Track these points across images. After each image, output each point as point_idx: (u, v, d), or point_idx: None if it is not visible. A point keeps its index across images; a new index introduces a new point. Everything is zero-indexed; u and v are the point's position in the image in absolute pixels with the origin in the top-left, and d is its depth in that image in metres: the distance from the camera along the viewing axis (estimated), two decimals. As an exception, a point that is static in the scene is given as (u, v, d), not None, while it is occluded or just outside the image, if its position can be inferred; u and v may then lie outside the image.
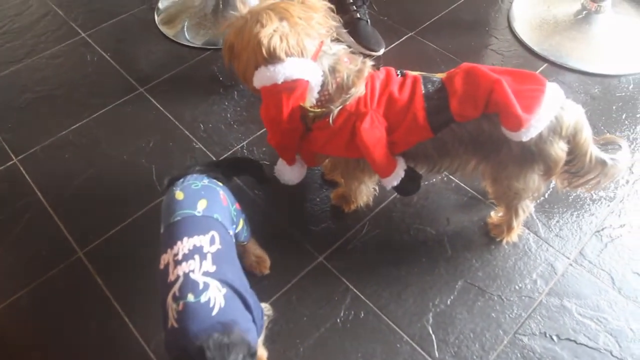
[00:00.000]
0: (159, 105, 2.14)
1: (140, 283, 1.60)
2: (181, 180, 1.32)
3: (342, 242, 1.67)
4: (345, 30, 2.27)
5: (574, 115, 1.31)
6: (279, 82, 1.30)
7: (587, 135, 1.34)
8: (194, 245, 1.15)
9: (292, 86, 1.30)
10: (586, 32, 2.33)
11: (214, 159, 1.92)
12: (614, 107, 2.05)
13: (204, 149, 1.96)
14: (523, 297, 1.54)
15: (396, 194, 1.74)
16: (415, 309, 1.52)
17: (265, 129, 1.99)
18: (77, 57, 2.39)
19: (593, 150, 1.37)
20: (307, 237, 1.68)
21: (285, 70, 1.29)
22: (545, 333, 1.47)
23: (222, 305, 1.06)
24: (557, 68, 2.22)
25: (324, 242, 1.66)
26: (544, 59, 2.25)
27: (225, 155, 1.94)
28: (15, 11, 2.65)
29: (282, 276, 1.58)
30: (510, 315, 1.50)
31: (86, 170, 1.93)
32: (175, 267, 1.12)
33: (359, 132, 1.32)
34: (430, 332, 1.48)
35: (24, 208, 1.82)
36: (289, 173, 1.57)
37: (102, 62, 2.36)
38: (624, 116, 2.01)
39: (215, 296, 1.07)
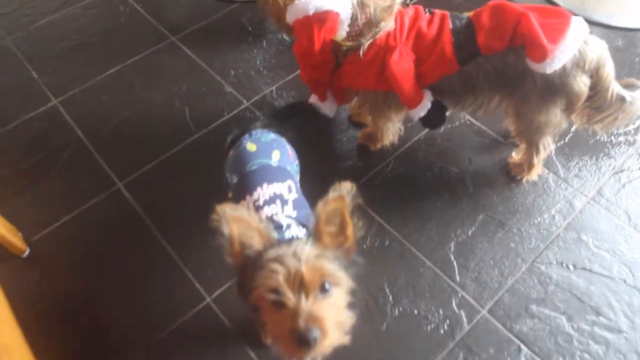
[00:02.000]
0: (190, 53, 2.22)
1: (177, 211, 1.70)
2: (247, 135, 1.36)
3: (368, 177, 1.75)
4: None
5: (598, 50, 1.37)
6: (310, 14, 1.36)
7: (609, 70, 1.39)
8: (274, 192, 1.18)
9: (323, 17, 1.36)
10: (611, -14, 2.35)
11: (245, 102, 2.00)
12: (636, 59, 2.08)
13: (235, 93, 2.04)
14: (541, 230, 1.61)
15: (421, 135, 1.81)
16: (438, 239, 1.60)
17: (293, 75, 2.07)
18: (110, 8, 2.47)
19: (615, 86, 1.42)
20: (334, 173, 1.76)
21: (316, 2, 1.35)
22: (562, 262, 1.54)
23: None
24: (581, 21, 2.24)
25: (350, 178, 1.68)
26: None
27: (256, 99, 2.01)
28: (49, -36, 2.72)
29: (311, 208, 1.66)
30: (529, 246, 1.58)
31: (122, 112, 2.02)
32: (257, 212, 1.15)
33: (389, 64, 1.39)
34: (452, 259, 1.56)
35: (65, 145, 1.92)
36: (321, 108, 1.64)
37: (134, 13, 2.44)
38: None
39: (297, 233, 1.10)
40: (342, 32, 1.43)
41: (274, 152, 1.28)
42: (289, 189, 1.21)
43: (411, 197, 1.70)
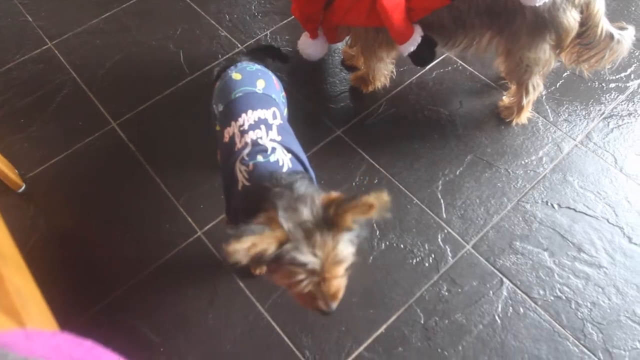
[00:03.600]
0: (185, -2, 2.21)
1: (170, 149, 1.73)
2: (232, 66, 1.36)
3: (360, 118, 1.76)
4: None
5: (588, -16, 1.36)
6: None
7: (600, 5, 1.39)
8: (259, 117, 1.19)
9: None
10: None
11: (240, 46, 2.01)
12: (633, 8, 2.07)
13: (230, 37, 2.04)
14: (528, 171, 1.63)
15: (413, 78, 1.82)
16: (425, 177, 1.62)
17: (288, 19, 2.06)
18: (105, -47, 2.44)
19: (604, 23, 1.42)
20: (326, 113, 1.78)
21: None
22: (547, 202, 1.57)
23: (290, 166, 1.12)
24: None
25: (342, 118, 1.76)
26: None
27: (250, 43, 2.01)
28: None
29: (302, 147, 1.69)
30: (515, 186, 1.60)
31: (117, 54, 2.02)
32: (242, 136, 1.17)
33: (380, -3, 1.39)
34: (439, 197, 1.58)
35: (60, 85, 1.93)
36: (312, 47, 1.64)
37: (129, -42, 2.41)
38: (633, 8, 2.04)
39: (282, 158, 1.12)
40: (334, -34, 1.43)
41: (258, 81, 1.29)
42: (273, 114, 1.22)
43: (401, 138, 1.72)
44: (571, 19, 1.38)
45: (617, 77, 1.85)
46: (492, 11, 1.42)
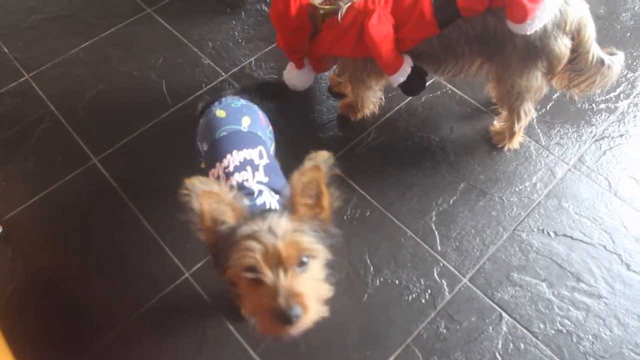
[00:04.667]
0: (167, 25, 2.16)
1: (154, 185, 1.67)
2: (217, 102, 1.31)
3: (349, 147, 1.72)
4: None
5: (579, 11, 1.34)
6: None
7: (590, 32, 1.37)
8: (245, 158, 1.14)
9: None
10: (594, -47, 2.31)
11: (223, 74, 1.96)
12: (618, 27, 2.06)
13: (213, 65, 1.99)
14: (523, 198, 1.60)
15: (402, 104, 1.79)
16: (418, 208, 1.58)
17: (272, 46, 2.02)
18: (84, -20, 2.39)
19: (595, 49, 1.40)
20: (315, 143, 1.73)
21: None
22: (543, 230, 1.54)
23: (278, 208, 1.04)
24: (564, -11, 2.21)
25: (330, 148, 1.64)
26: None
27: (234, 71, 1.97)
28: None
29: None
30: (510, 214, 1.57)
31: (97, 85, 1.97)
32: (227, 179, 1.12)
33: (367, 29, 1.35)
34: (433, 228, 1.54)
35: (38, 120, 1.87)
36: (298, 77, 1.61)
37: (108, -16, 2.36)
38: (628, 34, 2.03)
39: (269, 201, 1.07)
40: (319, -4, 1.40)
41: (244, 118, 1.24)
42: (259, 154, 1.17)
43: (392, 167, 1.68)
44: (562, 46, 1.36)
45: (606, 97, 1.84)
46: (482, 39, 1.39)
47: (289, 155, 1.41)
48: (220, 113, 1.26)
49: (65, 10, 2.25)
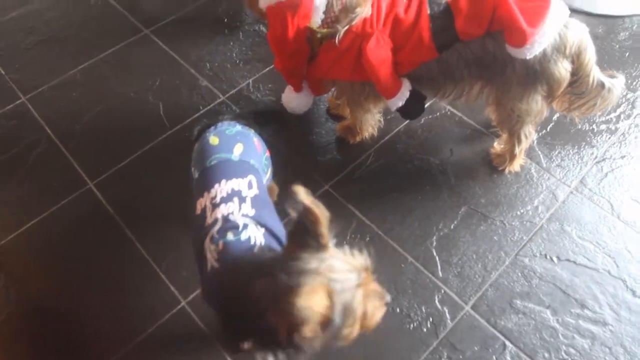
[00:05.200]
0: (164, 46, 2.15)
1: (151, 210, 1.64)
2: (213, 127, 1.29)
3: (348, 171, 1.70)
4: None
5: (579, 34, 1.33)
6: (283, 0, 1.31)
7: (591, 55, 1.36)
8: (232, 189, 1.12)
9: (296, 3, 1.31)
10: (591, -28, 2.31)
11: (221, 96, 1.94)
12: (617, 47, 2.05)
13: (210, 87, 1.98)
14: (524, 222, 1.57)
15: (401, 126, 1.77)
16: (419, 233, 1.56)
17: (270, 67, 2.01)
18: (81, 1, 2.39)
19: (595, 72, 1.39)
20: (313, 167, 1.71)
21: None
22: (545, 255, 1.51)
23: (263, 243, 1.04)
24: (562, 9, 2.21)
25: (330, 172, 1.70)
26: None
27: (232, 92, 1.95)
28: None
29: (289, 203, 1.62)
30: (512, 239, 1.54)
31: (94, 107, 1.95)
32: (213, 210, 1.09)
33: (365, 52, 1.34)
34: (434, 253, 1.52)
35: (34, 143, 1.85)
36: (296, 100, 1.59)
37: (106, 5, 2.36)
38: (627, 54, 2.02)
39: (255, 235, 1.04)
40: (317, 19, 1.38)
41: (236, 146, 1.21)
42: (249, 184, 1.15)
43: (392, 191, 1.65)
44: (562, 69, 1.34)
45: (607, 118, 1.82)
46: (481, 62, 1.38)
47: (288, 179, 1.39)
48: (213, 140, 1.24)
49: (64, 31, 2.24)
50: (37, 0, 2.38)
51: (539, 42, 1.26)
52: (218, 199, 1.10)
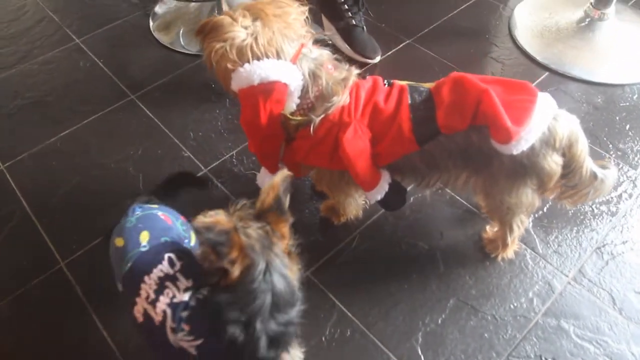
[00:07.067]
0: (149, 113, 2.10)
1: (119, 294, 1.55)
2: (118, 224, 1.24)
3: (331, 255, 1.61)
4: (340, 37, 2.22)
5: (568, 127, 1.25)
6: (255, 84, 1.24)
7: (582, 146, 1.28)
8: (159, 277, 1.07)
9: (269, 88, 1.24)
10: (589, 40, 2.26)
11: (203, 168, 1.88)
12: (617, 118, 1.97)
13: (193, 158, 1.91)
14: (518, 317, 1.46)
15: (387, 207, 1.67)
16: (404, 328, 1.45)
17: (255, 138, 1.94)
18: (70, 63, 2.36)
19: (588, 163, 1.31)
20: (296, 250, 1.62)
21: (261, 71, 1.22)
22: (540, 356, 1.39)
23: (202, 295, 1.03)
24: (559, 77, 2.15)
25: (311, 256, 1.60)
26: (546, 68, 2.18)
27: (214, 165, 1.89)
28: (11, 17, 2.63)
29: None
30: (504, 337, 1.43)
31: (73, 178, 1.89)
32: (154, 308, 1.03)
33: (341, 143, 1.27)
34: (420, 352, 1.41)
35: (7, 217, 1.78)
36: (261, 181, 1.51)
37: (94, 68, 2.33)
38: (627, 127, 1.94)
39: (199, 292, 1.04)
40: (291, 105, 1.31)
41: (141, 235, 1.15)
42: (170, 262, 1.09)
43: (377, 278, 1.56)
44: (553, 163, 1.26)
45: (607, 198, 1.72)
46: (466, 154, 1.30)
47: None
48: (118, 242, 1.17)
49: (47, 96, 2.21)
50: (24, 63, 2.35)
51: (526, 139, 1.18)
52: (153, 295, 1.04)
